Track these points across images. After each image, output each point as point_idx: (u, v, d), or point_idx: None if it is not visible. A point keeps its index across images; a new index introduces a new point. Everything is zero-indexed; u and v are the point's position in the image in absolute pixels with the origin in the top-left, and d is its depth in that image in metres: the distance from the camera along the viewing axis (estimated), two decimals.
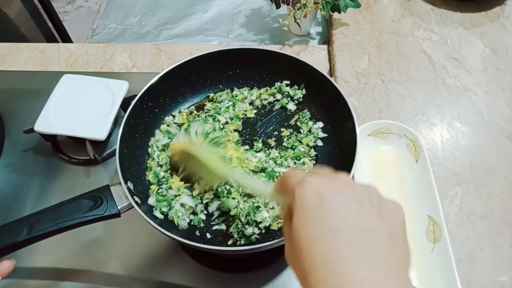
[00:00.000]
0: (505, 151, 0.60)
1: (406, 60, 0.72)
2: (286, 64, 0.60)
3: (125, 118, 0.53)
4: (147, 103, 0.57)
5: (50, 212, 0.44)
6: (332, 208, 0.27)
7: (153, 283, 0.53)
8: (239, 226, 0.49)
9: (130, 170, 0.52)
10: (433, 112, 0.65)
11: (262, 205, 0.51)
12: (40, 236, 0.43)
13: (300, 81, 0.61)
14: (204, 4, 0.98)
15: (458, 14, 0.79)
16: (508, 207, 0.55)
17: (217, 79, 0.64)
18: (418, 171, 0.56)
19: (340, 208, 0.27)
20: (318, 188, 0.28)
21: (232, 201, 0.51)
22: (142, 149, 0.57)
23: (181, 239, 0.43)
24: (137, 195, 0.49)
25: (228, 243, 0.49)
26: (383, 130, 0.59)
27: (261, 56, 0.61)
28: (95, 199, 0.45)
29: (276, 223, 0.50)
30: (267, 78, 0.63)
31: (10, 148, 0.66)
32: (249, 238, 0.49)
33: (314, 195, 0.27)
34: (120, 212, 0.45)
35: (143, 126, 0.58)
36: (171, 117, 0.61)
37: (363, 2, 0.81)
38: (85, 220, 0.44)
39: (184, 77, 0.61)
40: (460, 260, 0.50)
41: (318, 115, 0.60)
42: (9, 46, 0.81)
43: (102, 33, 0.94)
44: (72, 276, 0.54)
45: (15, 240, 0.42)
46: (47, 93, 0.64)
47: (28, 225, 0.42)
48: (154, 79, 0.57)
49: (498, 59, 0.71)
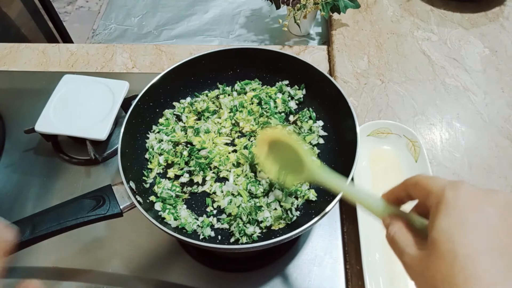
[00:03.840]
0: (504, 151, 0.60)
1: (406, 60, 0.72)
2: (286, 64, 0.60)
3: (126, 118, 0.53)
4: (148, 103, 0.57)
5: (52, 212, 0.44)
6: (497, 218, 0.23)
7: (155, 282, 0.53)
8: (240, 225, 0.50)
9: (132, 170, 0.52)
10: (432, 112, 0.65)
11: (265, 204, 0.51)
12: (43, 236, 0.43)
13: (300, 80, 0.62)
14: (205, 5, 0.98)
15: (458, 14, 0.79)
16: None
17: (217, 79, 0.64)
18: (417, 171, 0.56)
19: (505, 218, 0.23)
20: (474, 193, 0.24)
21: (235, 200, 0.52)
22: (144, 148, 0.57)
23: (183, 238, 0.44)
24: (139, 195, 0.49)
25: (230, 242, 0.50)
26: (383, 130, 0.60)
27: (261, 56, 0.61)
28: (98, 199, 0.45)
29: (277, 224, 0.50)
30: (267, 78, 0.63)
31: (11, 148, 0.66)
32: (250, 237, 0.49)
33: (469, 200, 0.24)
34: (122, 212, 0.45)
35: (144, 126, 0.58)
36: (170, 110, 0.62)
37: (363, 2, 0.82)
38: (87, 219, 0.44)
39: (184, 77, 0.61)
40: None
41: (318, 114, 0.60)
42: (10, 47, 0.81)
43: (102, 34, 0.95)
44: (74, 276, 0.54)
45: (18, 240, 0.42)
46: (47, 93, 0.64)
47: (31, 225, 0.43)
48: (155, 79, 0.57)
49: (497, 59, 0.71)
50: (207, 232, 0.50)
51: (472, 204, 0.23)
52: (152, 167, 0.56)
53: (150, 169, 0.56)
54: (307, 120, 0.59)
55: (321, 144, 0.58)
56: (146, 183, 0.54)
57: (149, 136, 0.58)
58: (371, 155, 0.59)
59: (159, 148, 0.57)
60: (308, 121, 0.59)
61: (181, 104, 0.62)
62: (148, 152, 0.57)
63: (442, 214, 0.24)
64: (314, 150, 0.57)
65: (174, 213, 0.51)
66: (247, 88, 0.63)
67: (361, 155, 0.58)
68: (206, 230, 0.50)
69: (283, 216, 0.50)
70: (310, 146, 0.57)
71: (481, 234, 0.22)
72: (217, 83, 0.64)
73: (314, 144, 0.57)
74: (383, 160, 0.59)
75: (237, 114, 0.60)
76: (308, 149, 0.54)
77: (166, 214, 0.50)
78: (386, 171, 0.58)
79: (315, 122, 0.59)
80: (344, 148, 0.53)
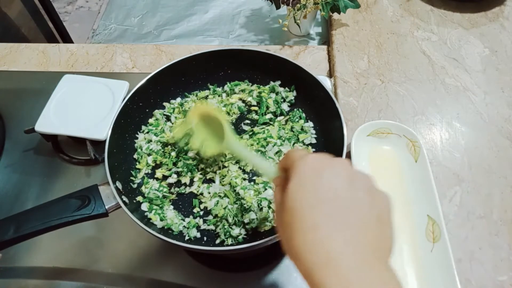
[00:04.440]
0: (504, 151, 0.60)
1: (406, 60, 0.72)
2: (276, 65, 0.61)
3: (115, 118, 0.53)
4: (137, 103, 0.58)
5: (37, 211, 0.44)
6: (327, 181, 0.29)
7: (154, 281, 0.53)
8: (225, 226, 0.49)
9: (120, 170, 0.52)
10: (432, 112, 0.65)
11: (252, 206, 0.51)
12: (27, 235, 0.42)
13: (290, 82, 0.62)
14: (205, 5, 0.98)
15: (458, 14, 0.79)
16: (507, 207, 0.55)
17: (208, 79, 0.64)
18: (417, 171, 0.56)
19: (334, 183, 0.29)
20: (318, 163, 0.31)
21: (221, 201, 0.52)
22: (132, 148, 0.57)
23: (167, 239, 0.44)
24: (126, 195, 0.49)
25: (216, 243, 0.49)
26: (383, 130, 0.60)
27: (251, 57, 0.62)
28: (83, 199, 0.45)
29: (263, 226, 0.50)
30: (258, 79, 0.64)
31: (11, 148, 0.66)
32: (236, 238, 0.49)
33: (312, 167, 0.30)
34: (108, 212, 0.45)
35: (133, 126, 0.58)
36: (160, 110, 0.62)
37: (363, 2, 0.82)
38: (72, 219, 0.44)
39: (174, 78, 0.61)
40: (460, 259, 0.51)
41: (308, 115, 0.61)
42: (9, 47, 0.81)
43: (102, 34, 0.95)
44: (72, 276, 0.54)
45: (1, 239, 0.42)
46: (47, 93, 0.64)
47: (15, 224, 0.42)
48: (144, 79, 0.57)
49: (497, 59, 0.71)
50: (192, 233, 0.50)
51: (312, 171, 0.30)
52: (140, 167, 0.56)
53: (138, 169, 0.56)
54: (297, 120, 0.60)
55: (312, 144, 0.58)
56: (133, 183, 0.54)
57: (138, 136, 0.58)
58: (371, 155, 0.59)
59: (147, 149, 0.57)
60: (298, 121, 0.60)
61: (171, 104, 0.62)
62: (136, 152, 0.57)
63: (291, 178, 0.30)
64: (309, 149, 0.57)
65: (161, 214, 0.51)
66: (236, 89, 0.63)
67: (361, 155, 0.58)
68: (192, 231, 0.50)
69: (269, 218, 0.50)
70: (304, 146, 0.57)
71: (311, 191, 0.29)
72: (208, 83, 0.64)
73: (307, 144, 0.58)
74: (383, 160, 0.59)
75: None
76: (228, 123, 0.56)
77: (152, 214, 0.50)
78: (386, 171, 0.58)
79: (306, 122, 0.60)
80: (332, 150, 0.53)
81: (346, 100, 0.66)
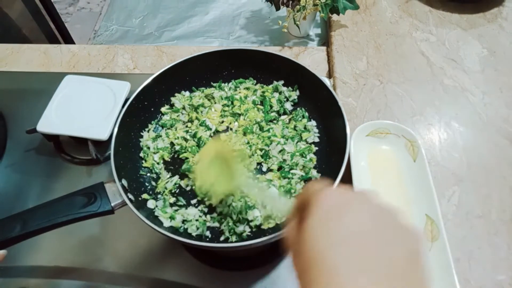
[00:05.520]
0: (503, 151, 0.60)
1: (404, 61, 0.72)
2: (279, 65, 0.61)
3: (121, 117, 0.54)
4: (142, 102, 0.58)
5: (43, 208, 0.44)
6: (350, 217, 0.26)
7: (155, 280, 0.53)
8: (230, 223, 0.50)
9: (125, 168, 0.52)
10: (431, 112, 0.65)
11: (256, 204, 0.51)
12: (34, 232, 0.43)
13: (293, 82, 0.63)
14: (205, 6, 0.99)
15: (456, 15, 0.80)
16: (506, 206, 0.55)
17: (212, 79, 0.65)
18: (416, 170, 0.56)
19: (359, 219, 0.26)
20: (339, 196, 0.28)
21: (226, 198, 0.52)
22: (138, 147, 0.58)
23: (174, 236, 0.44)
24: (131, 192, 0.50)
25: (220, 240, 0.50)
26: (381, 130, 0.60)
27: (255, 57, 0.62)
28: (89, 196, 0.45)
29: (267, 223, 0.50)
30: (261, 79, 0.64)
31: (13, 148, 0.67)
32: (240, 235, 0.49)
33: (333, 202, 0.27)
34: (114, 209, 0.45)
35: (139, 125, 0.59)
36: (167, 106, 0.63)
37: (362, 4, 0.82)
38: (78, 216, 0.44)
39: (179, 77, 0.62)
40: (458, 259, 0.51)
41: (311, 114, 0.61)
42: (11, 47, 0.81)
43: (104, 35, 0.95)
44: (73, 275, 0.54)
45: (8, 236, 0.42)
46: (49, 94, 0.64)
47: (21, 221, 0.43)
48: (150, 78, 0.58)
49: (495, 60, 0.72)
50: (198, 231, 0.50)
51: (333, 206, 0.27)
52: (147, 166, 0.56)
53: (144, 167, 0.56)
54: (300, 119, 0.60)
55: (315, 142, 0.59)
56: (139, 181, 0.54)
57: (143, 135, 0.59)
58: (370, 155, 0.60)
59: (155, 147, 0.58)
60: (302, 120, 0.60)
61: (182, 95, 0.63)
62: (142, 150, 0.58)
63: (310, 214, 0.27)
64: (311, 148, 0.57)
65: (167, 211, 0.51)
66: (241, 86, 0.64)
67: (360, 155, 0.58)
68: (193, 228, 0.50)
69: (272, 216, 0.50)
70: (307, 145, 0.58)
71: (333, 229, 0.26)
72: (211, 82, 0.65)
73: (310, 143, 0.59)
74: (382, 160, 0.59)
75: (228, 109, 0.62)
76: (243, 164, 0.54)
77: (159, 212, 0.51)
78: (384, 171, 0.58)
79: (309, 121, 0.60)
80: (335, 148, 0.54)
81: (345, 100, 0.67)
